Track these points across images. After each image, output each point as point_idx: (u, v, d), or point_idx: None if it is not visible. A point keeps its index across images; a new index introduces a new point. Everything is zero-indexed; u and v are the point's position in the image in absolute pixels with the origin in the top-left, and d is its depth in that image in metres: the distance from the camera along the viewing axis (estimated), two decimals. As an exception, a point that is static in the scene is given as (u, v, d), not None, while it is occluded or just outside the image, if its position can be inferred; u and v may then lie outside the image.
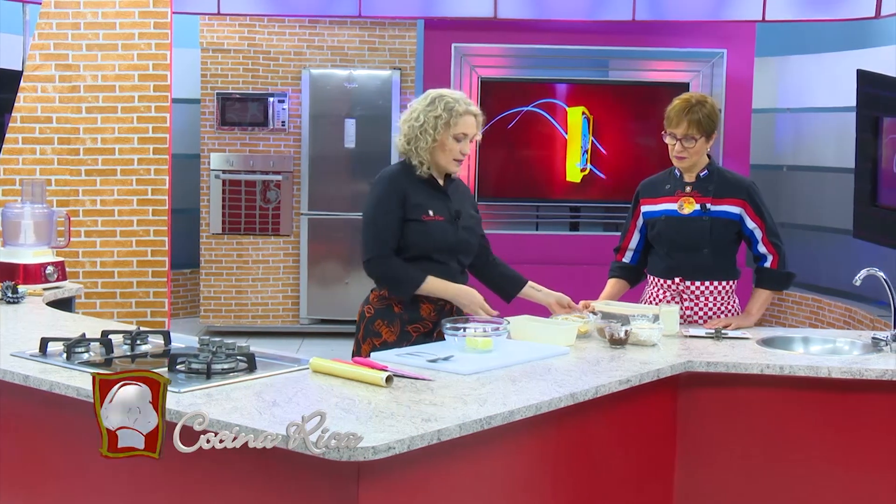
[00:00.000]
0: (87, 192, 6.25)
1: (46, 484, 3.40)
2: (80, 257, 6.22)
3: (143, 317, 6.20)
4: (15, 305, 4.57)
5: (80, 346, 3.51)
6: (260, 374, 3.23)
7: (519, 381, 3.23)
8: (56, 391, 3.16)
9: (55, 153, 6.22)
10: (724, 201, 4.22)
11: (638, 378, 3.39)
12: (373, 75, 8.99)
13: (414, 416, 2.80)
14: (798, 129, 9.58)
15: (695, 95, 4.26)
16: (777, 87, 9.67)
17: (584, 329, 3.95)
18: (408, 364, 3.38)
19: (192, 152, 9.48)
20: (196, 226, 9.31)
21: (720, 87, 9.11)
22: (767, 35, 9.34)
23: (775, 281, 4.33)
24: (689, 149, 4.19)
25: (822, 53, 9.16)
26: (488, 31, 9.05)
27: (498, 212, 9.31)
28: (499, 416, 2.87)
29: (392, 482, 2.68)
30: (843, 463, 3.59)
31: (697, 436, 3.63)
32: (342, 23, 8.98)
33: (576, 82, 9.21)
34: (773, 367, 3.55)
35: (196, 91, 9.20)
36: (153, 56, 6.21)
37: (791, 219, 9.70)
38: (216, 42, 8.99)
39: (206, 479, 2.92)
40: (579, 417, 3.25)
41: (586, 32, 9.06)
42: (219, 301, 9.15)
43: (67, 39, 6.20)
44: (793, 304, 9.34)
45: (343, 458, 2.51)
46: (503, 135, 9.28)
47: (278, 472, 2.74)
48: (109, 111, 6.26)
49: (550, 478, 3.21)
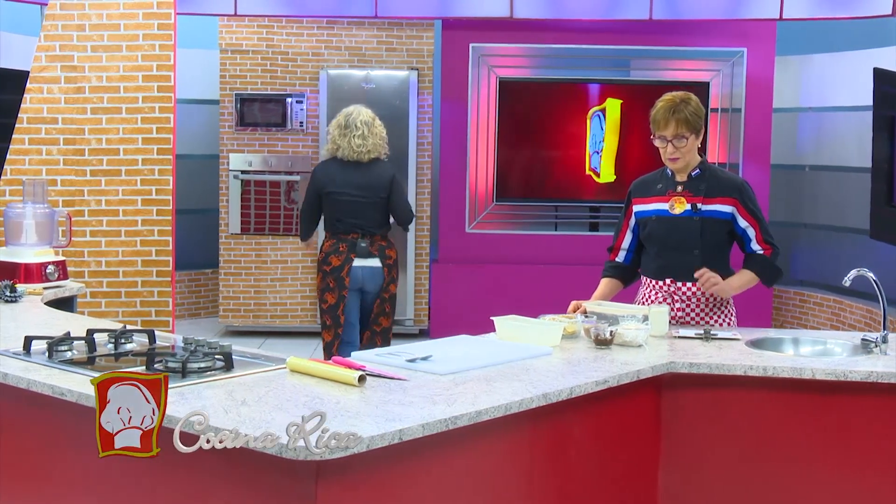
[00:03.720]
0: (93, 192, 6.30)
1: (25, 481, 3.43)
2: (85, 257, 6.28)
3: (148, 316, 6.24)
4: (12, 304, 4.61)
5: (63, 344, 3.53)
6: (236, 374, 3.24)
7: (494, 382, 3.20)
8: (33, 389, 3.18)
9: (61, 154, 6.27)
10: (716, 200, 4.18)
11: (616, 379, 3.36)
12: (390, 76, 8.99)
13: (379, 415, 2.79)
14: (820, 128, 9.48)
15: (678, 94, 4.19)
16: (799, 86, 9.58)
17: (572, 329, 3.92)
18: (386, 363, 3.38)
19: (211, 153, 9.54)
20: (215, 226, 9.36)
21: (740, 86, 9.05)
22: (789, 34, 9.25)
23: (763, 265, 4.26)
24: (681, 148, 4.15)
25: (845, 52, 9.06)
26: (506, 31, 9.04)
27: (517, 212, 9.29)
28: (465, 417, 2.85)
29: (352, 482, 2.67)
30: (828, 465, 3.55)
31: (682, 437, 3.60)
32: (360, 23, 8.99)
33: (596, 82, 9.18)
34: (757, 368, 3.51)
35: (215, 92, 9.25)
36: (157, 57, 6.26)
37: (813, 219, 9.61)
38: (235, 43, 9.03)
39: (167, 477, 2.93)
40: (556, 418, 3.22)
41: (605, 32, 9.02)
42: (237, 301, 9.19)
43: (73, 41, 6.26)
44: (814, 306, 9.25)
45: (299, 458, 2.51)
46: (522, 135, 9.26)
47: (238, 471, 2.74)
48: (114, 112, 6.31)
49: (525, 480, 3.19)
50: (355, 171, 6.04)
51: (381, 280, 6.03)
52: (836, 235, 9.29)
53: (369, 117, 6.09)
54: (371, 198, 6.01)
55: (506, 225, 9.29)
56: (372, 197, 6.01)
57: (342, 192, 6.01)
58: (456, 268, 9.14)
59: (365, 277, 6.02)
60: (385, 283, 6.05)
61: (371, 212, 6.01)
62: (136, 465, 2.83)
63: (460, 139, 9.17)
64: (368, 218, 6.01)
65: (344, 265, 5.96)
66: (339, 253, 5.98)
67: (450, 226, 9.24)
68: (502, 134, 9.19)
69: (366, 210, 6.01)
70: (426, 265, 9.20)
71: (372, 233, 6.01)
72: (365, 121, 6.05)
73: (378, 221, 6.05)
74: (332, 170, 6.07)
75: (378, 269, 6.02)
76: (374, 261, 6.00)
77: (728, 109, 9.11)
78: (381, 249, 6.04)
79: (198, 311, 9.99)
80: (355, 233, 5.99)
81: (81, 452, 3.20)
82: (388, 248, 6.08)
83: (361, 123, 6.02)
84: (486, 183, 9.23)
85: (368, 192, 6.01)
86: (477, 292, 8.89)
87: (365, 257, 5.99)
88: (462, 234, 9.24)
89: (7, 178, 6.24)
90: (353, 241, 5.98)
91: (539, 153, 9.35)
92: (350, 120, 6.04)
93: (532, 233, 9.26)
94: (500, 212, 9.27)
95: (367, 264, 5.99)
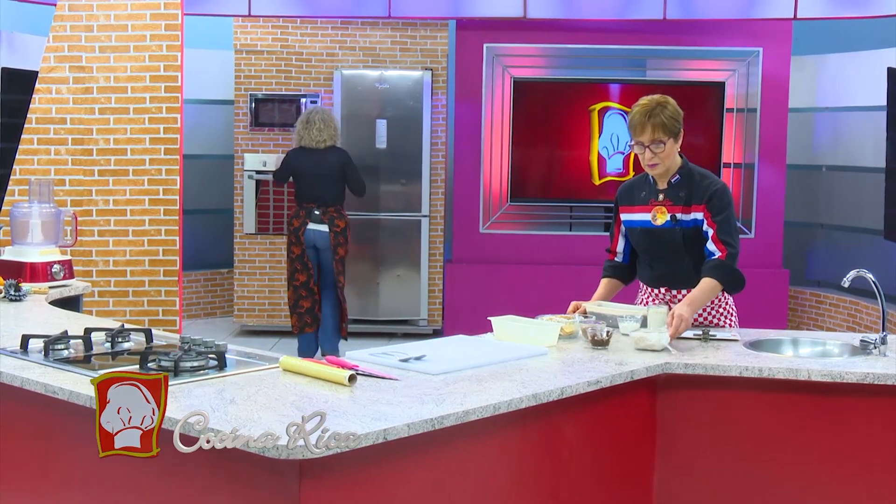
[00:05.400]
0: (100, 192, 6.33)
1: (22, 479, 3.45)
2: (93, 256, 6.31)
3: (156, 315, 6.27)
4: (16, 303, 4.64)
5: (59, 343, 3.55)
6: (229, 373, 3.24)
7: (485, 382, 3.20)
8: (27, 387, 3.20)
9: (69, 154, 6.31)
10: (692, 209, 4.06)
11: (609, 379, 3.34)
12: (404, 76, 8.99)
13: (365, 415, 2.78)
14: (836, 128, 9.41)
15: (654, 98, 4.07)
16: (815, 85, 9.52)
17: (570, 330, 3.90)
18: (380, 363, 3.38)
19: (226, 153, 9.57)
20: (230, 226, 9.39)
21: (756, 86, 9.01)
22: (805, 33, 9.20)
23: (720, 269, 3.99)
24: (659, 153, 4.03)
25: (861, 52, 8.99)
26: (520, 31, 9.03)
27: (531, 212, 9.27)
28: (452, 416, 2.85)
29: (336, 481, 2.67)
30: (823, 466, 3.52)
31: (678, 439, 3.58)
32: (374, 24, 9.00)
33: (610, 82, 9.15)
34: (753, 369, 3.48)
35: (230, 92, 9.29)
36: (164, 58, 6.28)
37: (829, 220, 9.55)
38: (249, 44, 9.06)
39: (151, 476, 2.94)
40: (547, 419, 3.21)
41: (619, 32, 9.00)
42: (252, 301, 9.22)
43: (81, 41, 6.29)
44: (830, 307, 9.19)
45: (281, 457, 2.51)
46: (536, 135, 9.24)
47: (223, 470, 2.75)
48: (122, 112, 6.34)
49: (516, 480, 3.18)
50: (315, 156, 7.63)
51: (327, 241, 7.60)
52: (853, 236, 9.22)
53: (326, 115, 7.72)
54: (327, 176, 7.60)
55: (520, 225, 9.28)
56: (327, 176, 7.60)
57: (305, 173, 7.62)
58: (470, 268, 9.14)
59: (315, 238, 7.60)
60: (333, 244, 7.60)
61: (326, 187, 7.59)
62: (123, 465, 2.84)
63: (474, 139, 9.16)
64: (324, 192, 7.59)
65: (301, 227, 7.62)
66: (299, 217, 7.65)
67: (464, 226, 9.24)
68: (517, 134, 9.18)
69: (322, 185, 7.58)
70: (440, 265, 9.20)
71: (327, 204, 7.60)
72: (322, 118, 7.67)
73: (332, 195, 7.63)
74: (299, 155, 7.69)
75: (325, 233, 7.61)
76: (322, 227, 7.60)
77: (744, 109, 9.06)
78: (331, 219, 7.61)
79: (213, 310, 10.03)
80: (312, 203, 7.59)
81: (74, 450, 3.22)
82: (338, 219, 7.64)
83: (319, 120, 7.65)
84: (500, 183, 9.22)
85: (325, 172, 7.59)
86: (491, 293, 8.89)
87: (317, 223, 7.61)
88: (476, 235, 9.23)
89: (16, 177, 6.28)
90: (309, 209, 7.61)
91: (554, 153, 9.33)
92: (311, 117, 7.68)
93: (546, 233, 9.24)
94: (514, 212, 9.26)
95: (318, 228, 7.60)
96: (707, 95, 9.11)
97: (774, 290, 8.96)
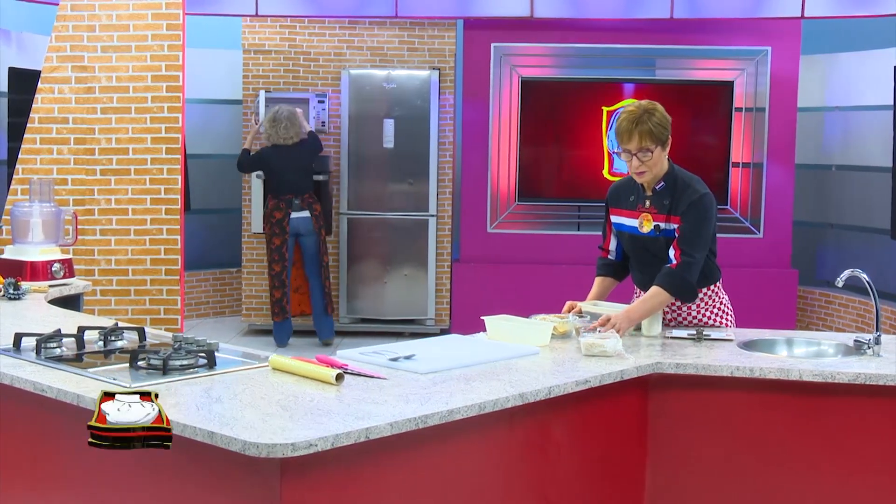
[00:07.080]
0: (102, 191, 6.36)
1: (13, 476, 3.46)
2: (95, 255, 6.34)
3: (157, 314, 6.29)
4: (15, 302, 4.65)
5: (52, 341, 3.55)
6: (217, 371, 3.25)
7: (473, 381, 3.19)
8: (17, 385, 3.21)
9: (71, 153, 6.34)
10: (673, 219, 4.01)
11: (599, 379, 3.33)
12: (412, 75, 8.99)
13: (349, 414, 2.79)
14: (846, 128, 9.36)
15: (641, 105, 4.00)
16: (824, 85, 9.47)
17: (564, 329, 3.89)
18: (369, 362, 3.38)
19: (234, 153, 9.56)
20: (238, 226, 9.40)
21: (765, 85, 8.97)
22: (814, 32, 9.16)
23: (669, 277, 3.93)
24: (647, 161, 3.98)
25: (871, 50, 8.94)
26: (528, 31, 9.02)
27: (539, 212, 9.26)
28: (436, 416, 2.84)
29: (317, 480, 2.67)
30: (815, 466, 3.50)
31: (669, 438, 3.57)
32: (381, 23, 9.00)
33: (619, 81, 9.14)
34: (744, 369, 3.47)
35: (238, 92, 9.30)
36: (166, 57, 6.30)
37: (839, 219, 9.50)
38: (257, 43, 9.07)
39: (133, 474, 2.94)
40: (535, 419, 3.21)
41: (627, 31, 8.98)
42: (260, 300, 9.23)
43: (83, 41, 6.32)
44: (839, 307, 9.14)
45: (261, 455, 2.51)
46: (544, 135, 9.23)
47: (203, 468, 2.75)
48: (123, 112, 6.37)
49: (502, 479, 3.17)
50: (288, 152, 8.33)
51: (311, 225, 8.37)
52: (863, 236, 9.17)
53: (290, 112, 8.35)
54: (299, 168, 8.36)
55: (528, 225, 9.27)
56: (300, 168, 8.36)
57: (280, 167, 8.31)
58: (477, 267, 9.13)
59: (299, 225, 8.34)
60: (316, 227, 8.39)
61: (300, 178, 8.37)
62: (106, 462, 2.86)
63: (482, 139, 9.16)
64: (299, 182, 8.36)
65: (284, 217, 8.30)
66: (280, 209, 8.31)
67: (471, 225, 9.23)
68: (524, 134, 9.17)
69: (297, 177, 8.34)
70: (447, 265, 9.19)
71: (302, 193, 8.34)
72: (287, 116, 8.31)
73: (306, 184, 8.42)
74: (273, 152, 8.37)
75: (308, 217, 8.37)
76: (304, 213, 8.35)
77: (752, 109, 9.03)
78: (309, 205, 8.37)
79: (222, 309, 10.04)
80: (291, 194, 8.30)
81: (63, 448, 3.23)
82: (315, 203, 8.42)
83: (284, 118, 8.29)
84: (507, 183, 9.21)
85: (297, 165, 8.34)
86: (498, 292, 8.87)
87: (298, 211, 8.33)
88: (484, 234, 9.22)
89: (19, 177, 6.31)
90: (289, 199, 8.30)
91: (561, 153, 9.32)
92: (277, 115, 8.31)
93: (554, 233, 9.22)
94: (522, 212, 9.25)
95: (300, 215, 8.34)
96: (716, 95, 9.09)
97: (783, 290, 8.91)
